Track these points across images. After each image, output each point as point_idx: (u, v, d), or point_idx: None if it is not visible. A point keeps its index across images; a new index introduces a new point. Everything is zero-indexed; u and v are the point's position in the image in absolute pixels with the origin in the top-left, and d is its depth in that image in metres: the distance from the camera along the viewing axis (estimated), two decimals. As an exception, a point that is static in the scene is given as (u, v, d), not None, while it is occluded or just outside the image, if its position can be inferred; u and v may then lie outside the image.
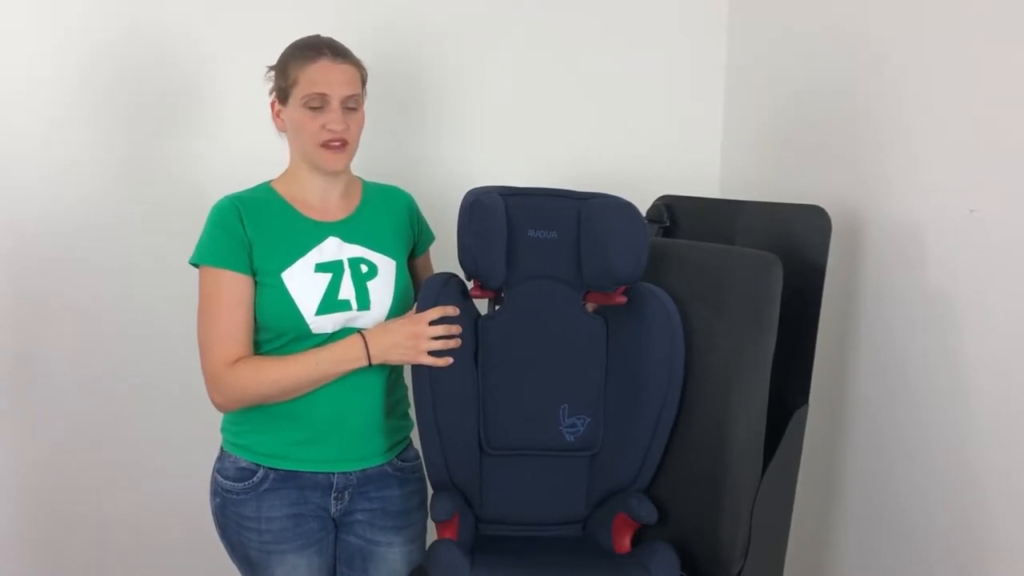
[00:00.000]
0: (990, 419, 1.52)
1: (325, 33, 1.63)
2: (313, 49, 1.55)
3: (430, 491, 1.71)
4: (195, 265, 1.56)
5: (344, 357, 1.53)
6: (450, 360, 1.56)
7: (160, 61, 2.09)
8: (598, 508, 1.73)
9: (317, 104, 1.53)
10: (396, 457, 1.69)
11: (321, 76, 1.53)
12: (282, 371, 1.52)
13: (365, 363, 1.53)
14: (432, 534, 1.65)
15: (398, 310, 1.63)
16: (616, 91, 2.35)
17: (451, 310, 1.57)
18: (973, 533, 1.56)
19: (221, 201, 1.58)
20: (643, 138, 2.38)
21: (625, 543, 1.67)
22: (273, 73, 1.60)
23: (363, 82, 1.61)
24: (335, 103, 1.53)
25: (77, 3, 2.04)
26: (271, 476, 1.58)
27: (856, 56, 1.85)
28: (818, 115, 1.99)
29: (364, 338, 1.54)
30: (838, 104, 1.90)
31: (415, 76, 2.22)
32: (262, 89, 1.63)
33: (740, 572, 1.56)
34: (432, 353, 1.55)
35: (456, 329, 1.57)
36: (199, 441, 1.74)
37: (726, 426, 1.56)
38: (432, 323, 1.55)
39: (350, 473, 1.63)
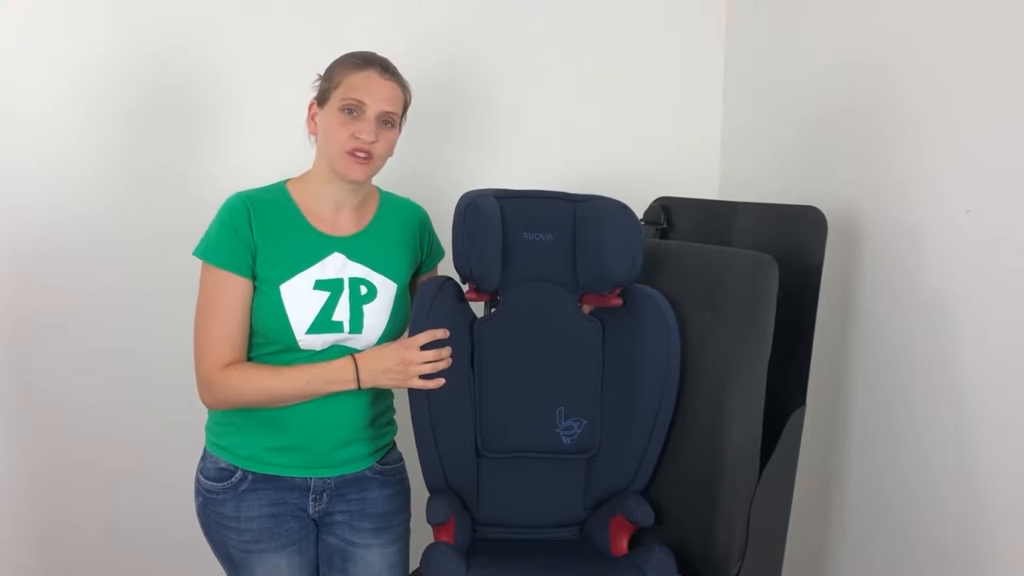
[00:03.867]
0: (987, 419, 1.51)
1: (334, 42, 1.63)
2: (365, 60, 1.55)
3: (416, 493, 1.71)
4: (198, 257, 1.55)
5: (334, 379, 1.54)
6: (442, 382, 1.57)
7: (177, 69, 2.10)
8: (595, 510, 1.72)
9: (353, 111, 1.52)
10: (377, 462, 1.68)
11: (364, 84, 1.52)
12: (271, 382, 1.53)
13: (355, 387, 1.54)
14: (428, 536, 1.65)
15: (390, 334, 1.62)
16: (615, 93, 2.35)
17: (441, 333, 1.57)
18: (970, 534, 1.55)
19: (232, 198, 1.56)
20: (642, 140, 2.38)
21: (622, 545, 1.67)
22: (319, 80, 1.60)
23: (405, 106, 1.60)
24: (371, 114, 1.52)
25: (90, 14, 2.05)
26: (249, 477, 1.59)
27: (853, 58, 1.84)
28: (816, 116, 1.98)
29: (356, 362, 1.54)
30: (836, 105, 1.90)
31: (415, 79, 2.22)
32: (277, 99, 1.62)
33: (738, 574, 1.55)
34: (424, 376, 1.56)
35: (446, 352, 1.58)
36: (191, 440, 1.73)
37: (722, 427, 1.56)
38: (424, 347, 1.55)
39: (328, 478, 1.63)
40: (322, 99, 1.56)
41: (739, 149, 2.36)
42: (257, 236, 1.53)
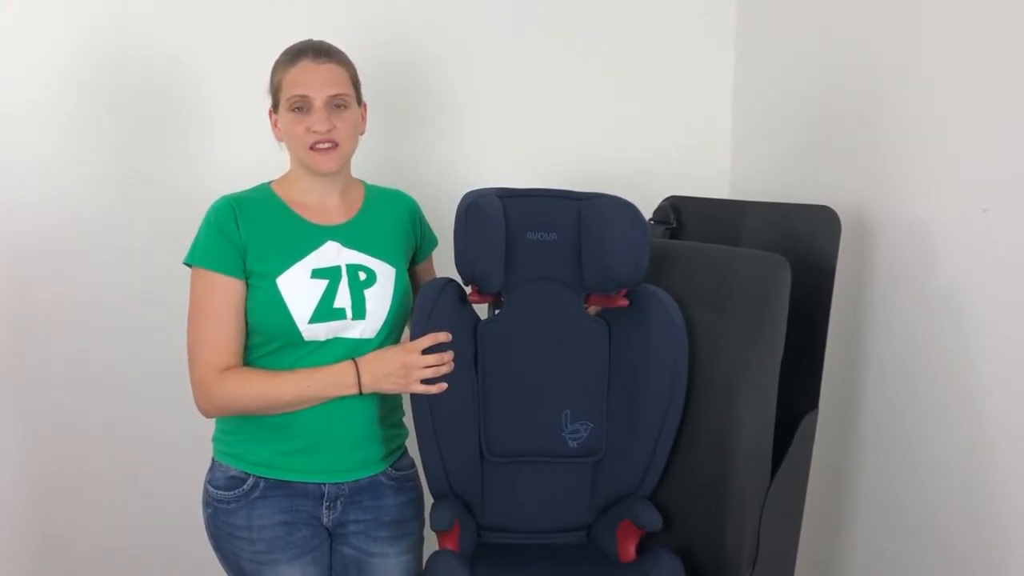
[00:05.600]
0: (1004, 423, 1.47)
1: (323, 36, 1.60)
2: (296, 52, 1.54)
3: (427, 500, 1.69)
4: (188, 265, 1.54)
5: (335, 383, 1.52)
6: (444, 386, 1.55)
7: (163, 68, 2.09)
8: (602, 515, 1.70)
9: (301, 106, 1.52)
10: (390, 466, 1.66)
11: (302, 77, 1.51)
12: (270, 387, 1.51)
13: (356, 391, 1.52)
14: (432, 543, 1.63)
15: (394, 318, 1.60)
16: (624, 90, 2.31)
17: (443, 336, 1.54)
18: (986, 540, 1.51)
19: (218, 201, 1.56)
20: (653, 138, 2.34)
21: (630, 551, 1.64)
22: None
23: (353, 81, 1.58)
24: (318, 103, 1.51)
25: (84, 16, 2.04)
26: (261, 484, 1.56)
27: (867, 54, 1.80)
28: (829, 113, 1.94)
29: (357, 366, 1.52)
30: (849, 102, 1.86)
31: (414, 74, 2.20)
32: (264, 95, 1.62)
33: (748, 581, 1.52)
34: (426, 381, 1.54)
35: (448, 356, 1.55)
36: (196, 446, 1.72)
37: (732, 431, 1.53)
38: (426, 351, 1.53)
39: (342, 483, 1.60)
40: (275, 104, 1.57)
41: (750, 147, 2.32)
42: (245, 234, 1.52)
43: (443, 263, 1.73)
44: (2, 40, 2.01)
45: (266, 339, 1.54)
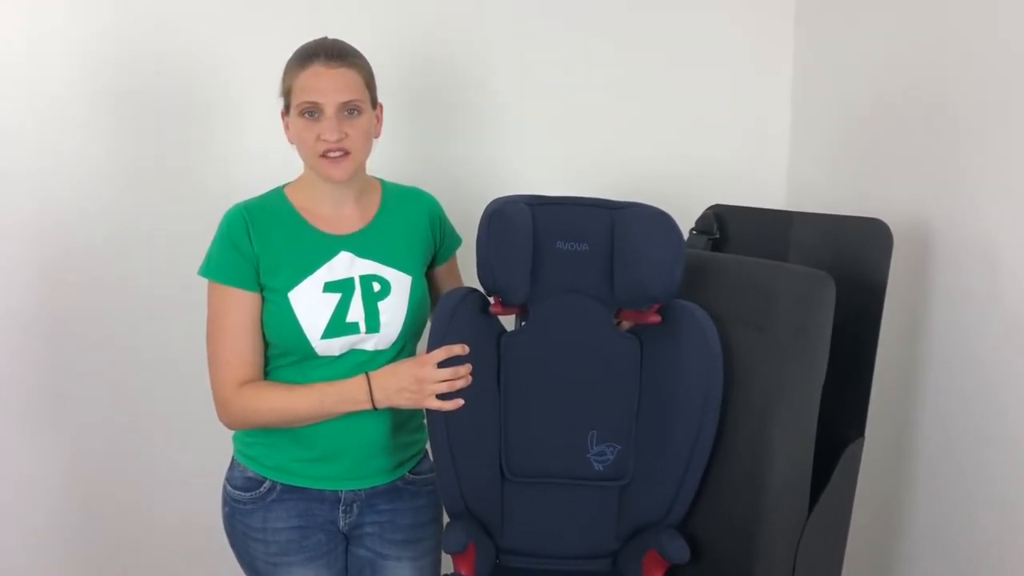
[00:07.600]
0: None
1: (352, 36, 1.56)
2: (307, 54, 1.48)
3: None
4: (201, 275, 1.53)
5: (347, 398, 1.49)
6: (460, 403, 1.48)
7: (183, 69, 2.07)
8: (629, 542, 1.62)
9: (312, 112, 1.47)
10: (408, 471, 1.64)
11: (312, 83, 1.46)
12: (285, 402, 1.50)
13: (369, 407, 1.49)
14: (447, 563, 1.57)
15: (410, 329, 1.57)
16: (675, 92, 2.23)
17: (459, 349, 1.48)
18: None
19: (231, 211, 1.54)
20: (706, 143, 2.25)
21: (656, 582, 1.55)
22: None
23: (367, 83, 1.53)
24: (329, 111, 1.46)
25: (102, 12, 2.03)
26: (278, 488, 1.56)
27: (931, 58, 1.70)
28: (893, 120, 1.83)
29: (369, 381, 1.49)
30: (913, 108, 1.75)
31: (447, 72, 2.15)
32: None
33: (780, 622, 1.43)
34: (442, 396, 1.48)
35: (464, 370, 1.49)
36: (223, 444, 1.70)
37: (766, 459, 1.45)
38: (441, 364, 1.48)
39: (359, 490, 1.59)
40: (286, 107, 1.52)
41: (809, 153, 2.21)
42: (257, 247, 1.50)
43: (469, 272, 1.67)
44: (17, 41, 2.01)
45: (281, 352, 1.53)
